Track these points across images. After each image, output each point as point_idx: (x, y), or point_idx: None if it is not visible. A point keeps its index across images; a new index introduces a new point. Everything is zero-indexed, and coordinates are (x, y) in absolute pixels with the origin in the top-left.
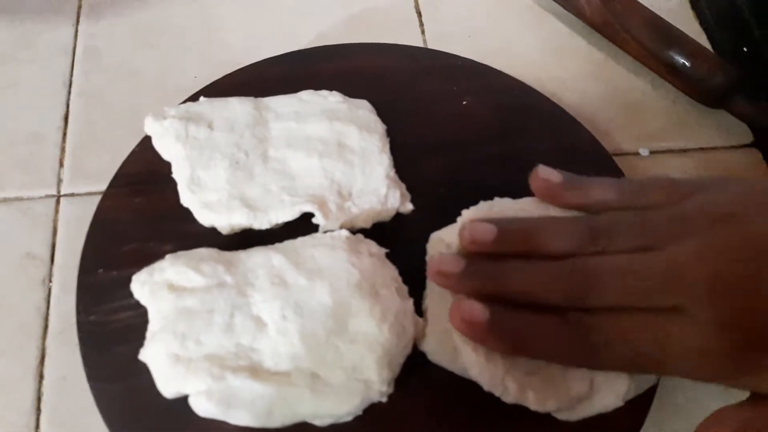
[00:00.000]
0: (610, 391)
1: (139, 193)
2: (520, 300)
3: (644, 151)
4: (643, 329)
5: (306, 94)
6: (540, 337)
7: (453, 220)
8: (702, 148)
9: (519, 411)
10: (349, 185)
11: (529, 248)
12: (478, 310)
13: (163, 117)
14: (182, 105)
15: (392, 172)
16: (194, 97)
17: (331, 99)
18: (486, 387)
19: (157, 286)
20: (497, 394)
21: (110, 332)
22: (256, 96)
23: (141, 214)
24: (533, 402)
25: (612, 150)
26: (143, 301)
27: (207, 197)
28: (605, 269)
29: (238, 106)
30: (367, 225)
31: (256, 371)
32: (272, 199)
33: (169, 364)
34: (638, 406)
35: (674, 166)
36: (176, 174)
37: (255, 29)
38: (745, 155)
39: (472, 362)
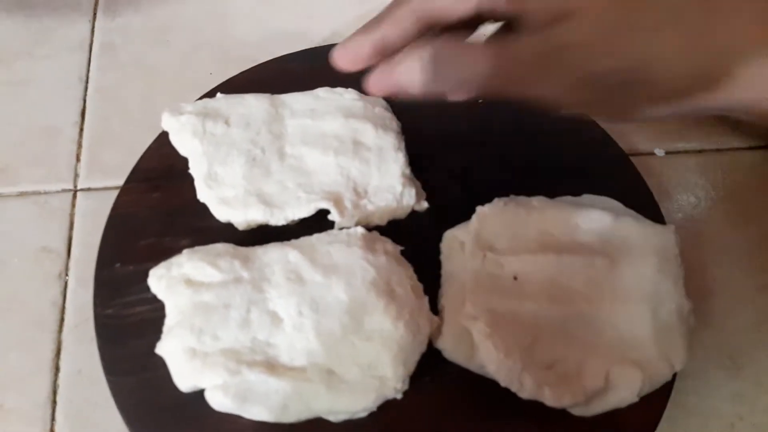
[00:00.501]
0: (624, 387)
1: (156, 189)
2: None
3: (660, 152)
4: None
5: (322, 92)
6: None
7: (467, 218)
8: (718, 149)
9: (533, 408)
10: (364, 183)
11: None
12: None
13: (180, 113)
14: (199, 101)
15: (408, 170)
16: (211, 94)
17: (347, 96)
18: (503, 383)
19: (174, 280)
20: (514, 389)
21: (127, 326)
22: (272, 93)
23: (158, 209)
24: (550, 398)
25: (628, 150)
26: (160, 296)
27: (224, 193)
28: None
29: (254, 103)
30: (383, 222)
31: (272, 366)
32: (288, 196)
33: (185, 359)
34: (653, 406)
35: (690, 167)
36: (193, 169)
37: (270, 26)
38: (762, 156)
39: (491, 358)
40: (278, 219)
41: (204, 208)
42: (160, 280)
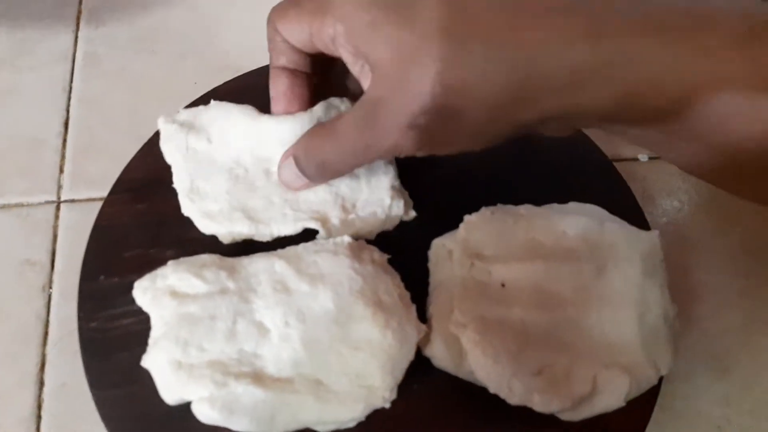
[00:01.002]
0: (612, 392)
1: (140, 199)
2: None
3: (643, 157)
4: None
5: (317, 108)
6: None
7: (455, 226)
8: None
9: (521, 415)
10: (353, 198)
11: None
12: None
13: (173, 121)
14: (192, 109)
15: (397, 182)
16: (196, 104)
17: (343, 108)
18: (492, 389)
19: (159, 292)
20: (503, 395)
21: (112, 339)
22: (257, 103)
23: (142, 220)
24: (538, 403)
25: (612, 155)
26: (145, 308)
27: (207, 207)
28: None
29: (240, 119)
30: (372, 236)
31: (258, 378)
32: (275, 212)
33: (171, 371)
34: (641, 409)
35: (673, 172)
36: (177, 183)
37: (255, 36)
38: None
39: (480, 365)
40: (263, 235)
41: (189, 219)
42: (145, 292)
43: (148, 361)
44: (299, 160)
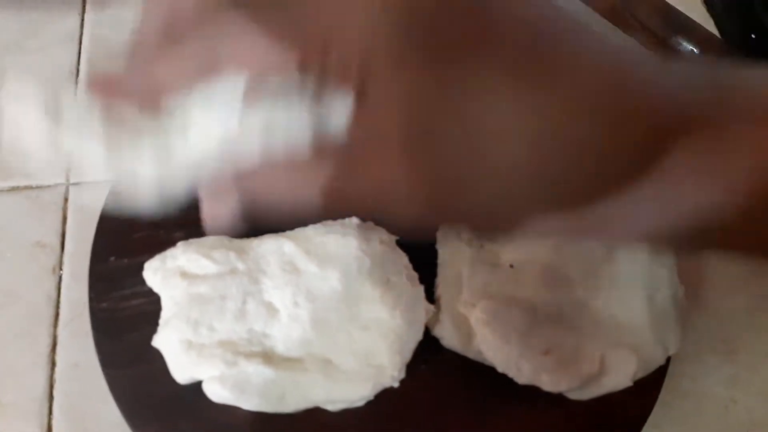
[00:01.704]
0: (619, 372)
1: None
2: None
3: None
4: None
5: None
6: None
7: None
8: None
9: (529, 396)
10: None
11: None
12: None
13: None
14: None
15: None
16: None
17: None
18: (500, 369)
19: (169, 273)
20: (511, 375)
21: (123, 319)
22: None
23: None
24: (547, 383)
25: None
26: (156, 288)
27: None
28: None
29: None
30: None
31: (268, 357)
32: None
33: (182, 351)
34: (648, 390)
35: None
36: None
37: None
38: None
39: (489, 344)
40: None
41: (197, 200)
42: (156, 272)
43: (159, 341)
44: None
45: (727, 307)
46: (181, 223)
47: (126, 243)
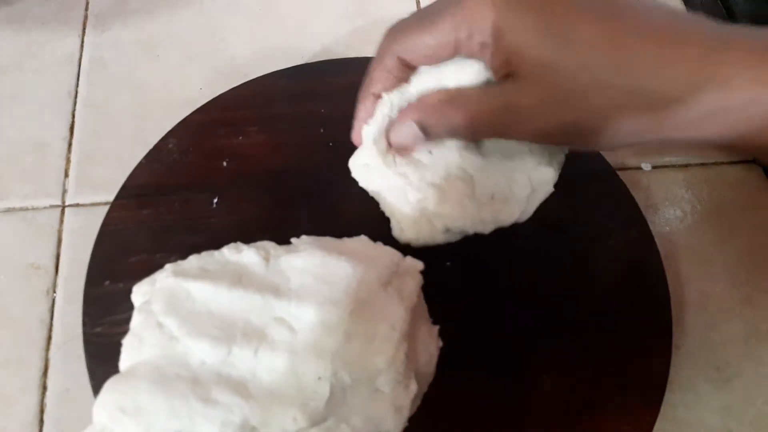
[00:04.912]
0: (545, 183)
1: (146, 205)
2: None
3: (647, 166)
4: None
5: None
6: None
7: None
8: (703, 164)
9: (532, 410)
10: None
11: None
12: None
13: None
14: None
15: None
16: (201, 110)
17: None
18: (470, 229)
19: None
20: (479, 230)
21: (116, 344)
22: (261, 107)
23: (148, 225)
24: (505, 219)
25: (615, 164)
26: None
27: None
28: None
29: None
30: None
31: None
32: None
33: None
34: (643, 419)
35: (676, 181)
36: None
37: (261, 42)
38: (746, 170)
39: (453, 218)
40: None
41: (194, 224)
42: (144, 296)
43: None
44: (425, 122)
45: (721, 335)
46: (178, 247)
47: (121, 267)
